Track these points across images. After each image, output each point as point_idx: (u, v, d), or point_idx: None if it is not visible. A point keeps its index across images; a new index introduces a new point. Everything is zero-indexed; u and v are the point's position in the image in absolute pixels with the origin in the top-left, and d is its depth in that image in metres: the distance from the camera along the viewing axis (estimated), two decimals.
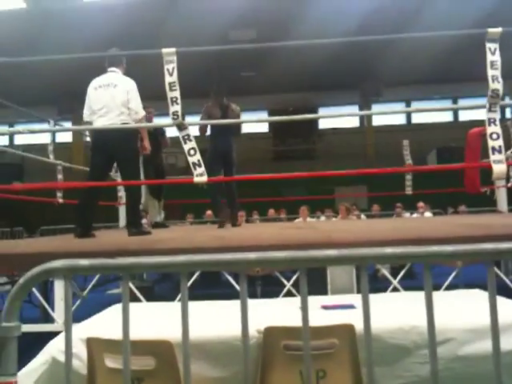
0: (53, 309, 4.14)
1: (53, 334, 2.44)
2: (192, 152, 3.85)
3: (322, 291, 3.36)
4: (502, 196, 7.42)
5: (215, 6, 11.87)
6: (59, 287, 3.20)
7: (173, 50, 3.85)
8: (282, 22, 12.59)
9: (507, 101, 18.27)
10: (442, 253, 1.34)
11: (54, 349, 2.31)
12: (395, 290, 3.65)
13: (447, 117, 19.17)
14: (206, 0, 11.71)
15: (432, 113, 18.72)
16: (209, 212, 10.96)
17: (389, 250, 1.32)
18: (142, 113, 4.61)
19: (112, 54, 4.78)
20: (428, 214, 9.89)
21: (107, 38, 11.66)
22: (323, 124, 19.56)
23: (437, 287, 3.71)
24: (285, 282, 3.40)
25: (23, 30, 12.56)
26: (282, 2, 12.09)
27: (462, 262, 3.36)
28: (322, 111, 19.39)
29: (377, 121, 19.24)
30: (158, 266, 1.40)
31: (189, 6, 11.92)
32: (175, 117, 3.85)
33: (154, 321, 2.68)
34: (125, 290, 1.44)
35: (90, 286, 3.98)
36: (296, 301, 1.41)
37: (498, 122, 3.72)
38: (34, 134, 16.20)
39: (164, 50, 3.85)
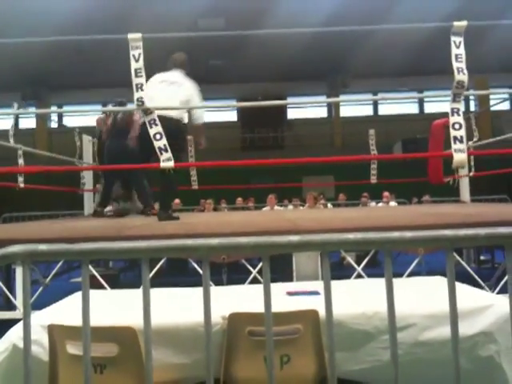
0: (15, 296, 4.07)
1: (15, 322, 2.40)
2: (158, 136, 3.83)
3: (288, 278, 3.39)
4: (464, 186, 7.59)
5: None
6: (20, 274, 3.14)
7: (139, 35, 3.81)
8: (251, 11, 12.53)
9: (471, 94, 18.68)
10: (402, 239, 1.37)
11: (14, 336, 2.26)
12: (359, 276, 3.70)
13: (413, 109, 19.48)
14: None
15: (398, 105, 19.01)
16: (177, 201, 10.91)
17: (350, 236, 1.33)
18: (202, 120, 4.81)
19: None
20: (393, 204, 10.05)
21: (74, 23, 11.43)
22: (292, 114, 19.62)
23: (400, 275, 3.77)
24: (251, 269, 3.42)
25: None
26: None
27: (423, 250, 3.43)
28: (290, 100, 19.44)
29: (344, 112, 19.39)
30: (118, 251, 1.38)
31: None
32: (140, 103, 3.82)
33: (118, 308, 2.65)
34: (85, 276, 1.42)
35: (52, 273, 3.91)
36: (261, 287, 1.42)
37: (461, 113, 3.80)
38: None
39: (130, 35, 3.80)
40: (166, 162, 3.83)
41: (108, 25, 12.20)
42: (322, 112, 19.96)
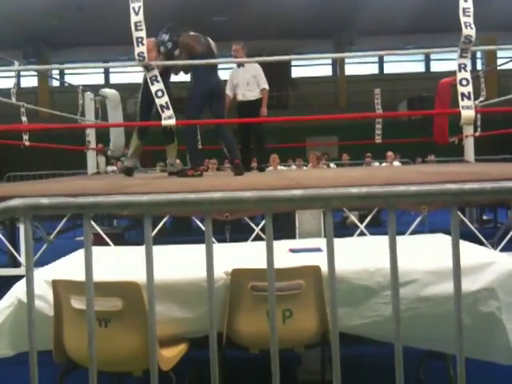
0: (20, 254, 4.11)
1: (21, 279, 2.42)
2: (160, 94, 3.78)
3: (291, 235, 3.40)
4: (469, 146, 7.52)
5: None
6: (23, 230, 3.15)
7: None
8: None
9: (478, 54, 18.36)
10: (407, 193, 1.35)
11: (19, 291, 2.29)
12: (362, 235, 3.71)
13: (419, 68, 19.18)
14: None
15: (404, 63, 18.71)
16: (177, 161, 10.86)
17: (354, 190, 1.32)
18: None
19: None
20: (396, 163, 10.01)
21: None
22: (296, 73, 19.36)
23: (402, 234, 3.77)
24: (254, 226, 3.42)
25: None
26: None
27: (427, 208, 3.42)
28: (294, 56, 19.15)
29: (350, 70, 19.11)
30: (120, 205, 1.37)
31: None
32: (141, 58, 3.75)
33: (122, 263, 2.67)
34: (86, 230, 1.41)
35: (56, 230, 3.93)
36: (264, 244, 1.42)
37: (468, 68, 3.72)
38: None
39: None
40: (168, 119, 3.80)
41: None
42: (327, 70, 19.68)
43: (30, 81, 18.64)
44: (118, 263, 2.70)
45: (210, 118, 5.38)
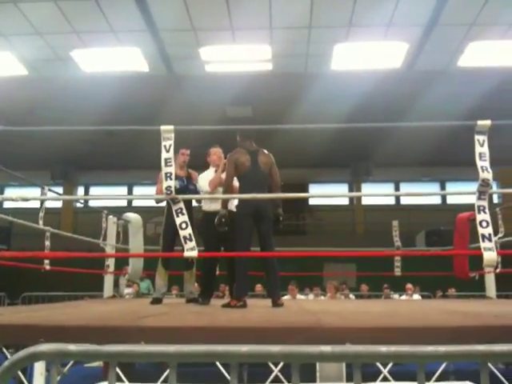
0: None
1: None
2: (184, 226, 3.91)
3: (311, 379, 3.27)
4: (490, 282, 7.42)
5: (214, 84, 12.28)
6: (40, 364, 3.10)
7: (171, 127, 3.96)
8: (277, 101, 13.01)
9: (495, 188, 18.69)
10: (436, 353, 1.34)
11: None
12: (385, 379, 3.56)
13: (435, 199, 19.45)
14: (206, 78, 12.11)
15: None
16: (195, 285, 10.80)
17: (383, 349, 1.31)
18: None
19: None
20: (416, 297, 9.84)
21: (107, 108, 11.93)
22: (314, 200, 19.76)
23: (427, 378, 3.61)
24: (272, 367, 3.31)
25: (23, 97, 12.85)
26: (277, 84, 12.51)
27: None
28: (312, 187, 19.70)
29: (366, 199, 19.47)
30: (147, 355, 1.37)
31: (189, 83, 12.32)
32: (168, 192, 3.92)
33: None
34: (111, 377, 1.41)
35: (70, 363, 3.84)
36: None
37: (487, 210, 3.80)
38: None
39: (162, 128, 3.95)
40: (190, 251, 3.88)
41: (141, 110, 12.76)
42: (344, 199, 20.06)
43: (53, 202, 19.21)
44: None
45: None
